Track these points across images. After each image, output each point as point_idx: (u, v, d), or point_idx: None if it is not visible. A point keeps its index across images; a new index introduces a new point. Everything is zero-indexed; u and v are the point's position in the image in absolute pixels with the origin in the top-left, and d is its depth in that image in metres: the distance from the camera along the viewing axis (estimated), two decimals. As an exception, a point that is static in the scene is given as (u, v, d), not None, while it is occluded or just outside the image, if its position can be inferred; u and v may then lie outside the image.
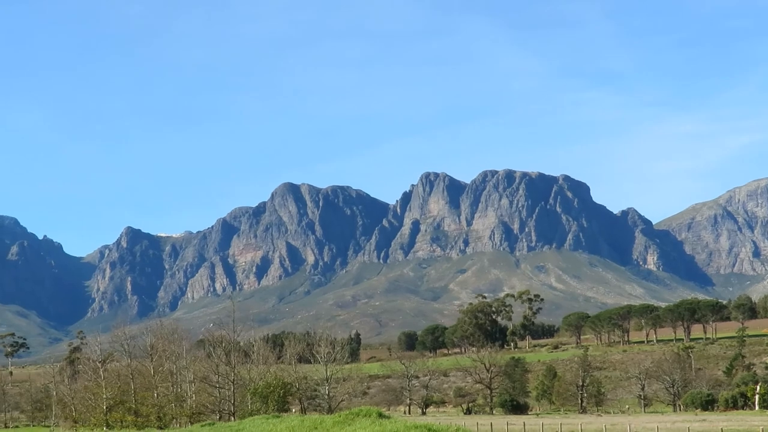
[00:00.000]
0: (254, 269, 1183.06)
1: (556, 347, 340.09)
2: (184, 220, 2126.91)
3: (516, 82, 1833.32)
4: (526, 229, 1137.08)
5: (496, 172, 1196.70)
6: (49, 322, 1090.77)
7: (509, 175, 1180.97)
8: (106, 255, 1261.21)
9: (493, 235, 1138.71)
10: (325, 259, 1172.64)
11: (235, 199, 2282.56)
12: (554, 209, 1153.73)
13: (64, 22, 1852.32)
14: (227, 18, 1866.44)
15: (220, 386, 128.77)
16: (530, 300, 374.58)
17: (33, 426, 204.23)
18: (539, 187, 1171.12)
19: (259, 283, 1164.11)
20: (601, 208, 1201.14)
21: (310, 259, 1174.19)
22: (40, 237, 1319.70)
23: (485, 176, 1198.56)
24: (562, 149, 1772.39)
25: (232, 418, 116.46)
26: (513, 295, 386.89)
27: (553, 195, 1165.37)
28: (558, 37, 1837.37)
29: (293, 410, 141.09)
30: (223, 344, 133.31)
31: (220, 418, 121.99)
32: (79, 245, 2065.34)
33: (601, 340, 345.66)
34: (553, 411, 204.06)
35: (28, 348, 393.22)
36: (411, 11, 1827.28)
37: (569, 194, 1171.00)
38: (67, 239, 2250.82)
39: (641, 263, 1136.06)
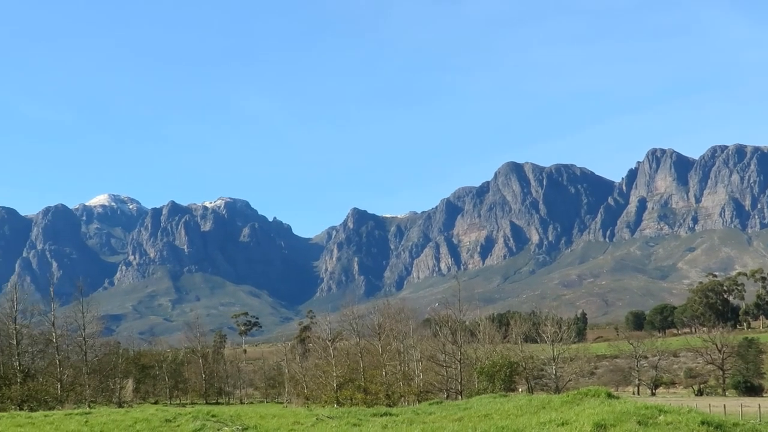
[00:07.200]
0: (478, 249, 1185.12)
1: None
2: (409, 200, 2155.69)
3: (745, 53, 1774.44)
4: (759, 206, 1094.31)
5: (726, 147, 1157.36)
6: (279, 301, 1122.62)
7: (740, 150, 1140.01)
8: (333, 236, 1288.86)
9: (724, 212, 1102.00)
10: (550, 238, 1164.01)
11: (458, 179, 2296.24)
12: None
13: (291, 7, 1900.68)
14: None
15: (446, 365, 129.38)
16: (764, 279, 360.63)
17: (267, 402, 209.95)
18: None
19: (483, 263, 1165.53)
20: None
21: (535, 238, 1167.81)
22: (270, 219, 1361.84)
23: (714, 151, 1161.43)
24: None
25: (460, 397, 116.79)
26: (745, 274, 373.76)
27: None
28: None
29: (520, 389, 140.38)
30: (449, 323, 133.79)
31: (447, 396, 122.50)
32: (307, 227, 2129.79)
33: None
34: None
35: (260, 327, 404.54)
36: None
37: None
38: (296, 221, 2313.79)
39: None
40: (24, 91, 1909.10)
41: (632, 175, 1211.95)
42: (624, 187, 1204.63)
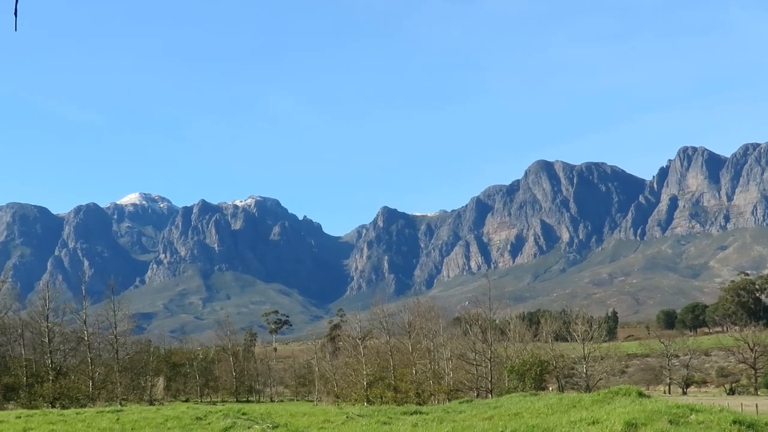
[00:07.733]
0: (509, 247, 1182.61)
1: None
2: (439, 199, 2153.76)
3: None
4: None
5: (758, 144, 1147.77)
6: (310, 300, 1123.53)
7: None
8: (363, 235, 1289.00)
9: (756, 210, 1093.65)
10: (580, 237, 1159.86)
11: (488, 178, 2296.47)
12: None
13: (317, 6, 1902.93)
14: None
15: (477, 363, 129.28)
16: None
17: (297, 400, 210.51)
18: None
19: (513, 261, 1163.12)
20: None
21: (565, 236, 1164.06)
22: (300, 218, 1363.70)
23: (746, 149, 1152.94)
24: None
25: (490, 395, 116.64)
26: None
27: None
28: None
29: (550, 388, 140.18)
30: (479, 322, 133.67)
31: (477, 395, 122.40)
32: (337, 225, 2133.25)
33: None
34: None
35: (290, 325, 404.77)
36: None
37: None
38: (326, 219, 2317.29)
39: None
40: (55, 91, 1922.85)
41: (663, 173, 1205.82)
42: (655, 186, 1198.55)
